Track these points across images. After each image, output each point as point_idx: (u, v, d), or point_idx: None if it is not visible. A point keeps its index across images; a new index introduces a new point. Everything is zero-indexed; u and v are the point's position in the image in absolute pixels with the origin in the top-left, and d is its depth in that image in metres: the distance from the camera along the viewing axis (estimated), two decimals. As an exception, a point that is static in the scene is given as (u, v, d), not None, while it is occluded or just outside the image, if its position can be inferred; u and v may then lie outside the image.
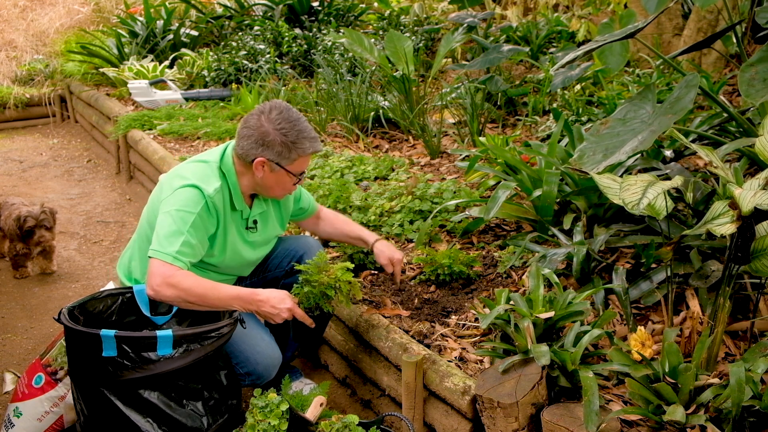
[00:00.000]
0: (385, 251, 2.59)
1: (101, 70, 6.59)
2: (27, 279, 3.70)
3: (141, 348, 1.92)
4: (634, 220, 2.60)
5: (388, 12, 6.87)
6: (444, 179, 3.61)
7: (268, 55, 5.98)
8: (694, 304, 2.23)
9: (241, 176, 2.26)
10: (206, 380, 2.04)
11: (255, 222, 2.38)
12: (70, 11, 8.35)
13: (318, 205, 2.73)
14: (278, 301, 2.16)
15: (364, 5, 7.48)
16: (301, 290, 2.23)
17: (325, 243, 3.04)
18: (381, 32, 6.35)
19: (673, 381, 1.83)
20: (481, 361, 2.23)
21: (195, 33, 7.05)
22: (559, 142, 3.09)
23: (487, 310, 2.31)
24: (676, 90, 2.30)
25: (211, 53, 6.28)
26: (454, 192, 3.29)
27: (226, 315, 2.12)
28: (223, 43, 6.60)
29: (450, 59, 5.79)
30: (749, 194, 1.74)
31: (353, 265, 2.30)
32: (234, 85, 5.74)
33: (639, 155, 2.83)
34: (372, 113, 4.64)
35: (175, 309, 2.22)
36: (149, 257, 2.11)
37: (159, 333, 1.92)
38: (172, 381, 1.96)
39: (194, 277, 2.12)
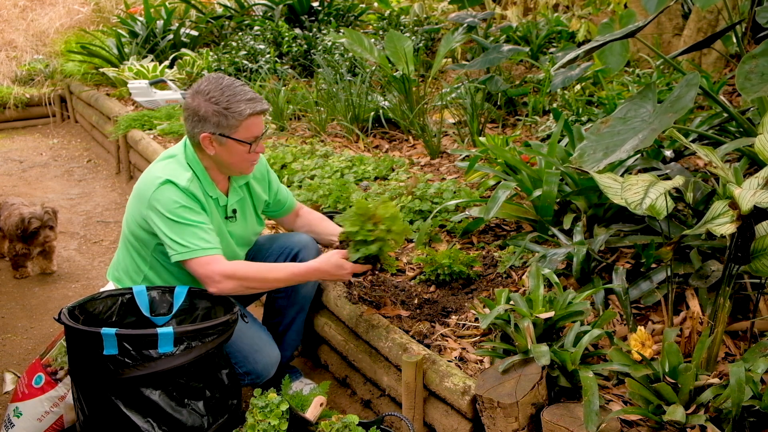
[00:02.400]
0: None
1: (101, 70, 6.59)
2: (27, 279, 3.70)
3: (142, 345, 1.92)
4: (634, 220, 2.59)
5: (388, 12, 6.87)
6: (444, 179, 3.61)
7: (268, 55, 5.98)
8: (694, 304, 2.23)
9: (202, 161, 2.23)
10: (208, 379, 2.04)
11: (234, 211, 2.35)
12: (70, 11, 8.36)
13: (297, 201, 2.68)
14: (336, 269, 2.21)
15: (364, 5, 7.48)
16: (355, 253, 2.21)
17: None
18: (381, 32, 6.35)
19: (673, 381, 1.83)
20: (481, 361, 2.23)
21: (195, 33, 7.05)
22: (559, 142, 3.09)
23: (487, 310, 2.31)
24: (677, 89, 2.30)
25: (211, 53, 6.28)
26: (454, 192, 3.29)
27: (227, 312, 2.12)
28: (223, 43, 6.60)
29: (450, 59, 5.79)
30: (749, 194, 1.74)
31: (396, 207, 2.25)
32: (234, 85, 5.73)
33: (639, 155, 2.83)
34: (372, 113, 4.64)
35: (175, 309, 2.22)
36: (178, 262, 2.13)
37: (160, 330, 1.92)
38: (173, 379, 1.96)
39: (245, 264, 2.21)
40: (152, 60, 6.54)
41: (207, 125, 2.14)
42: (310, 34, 6.50)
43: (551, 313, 2.14)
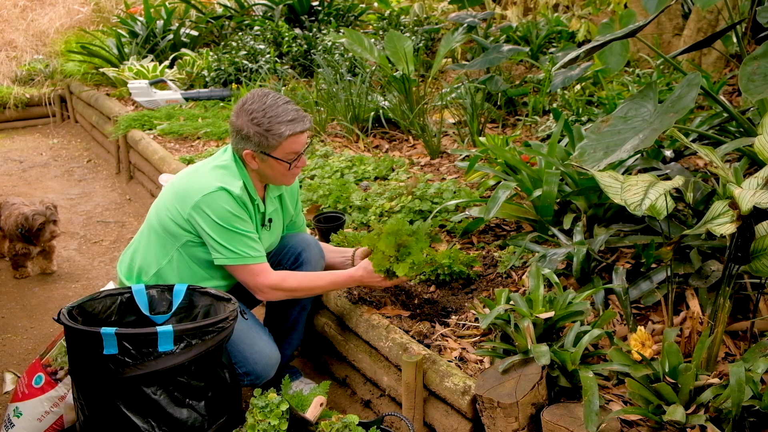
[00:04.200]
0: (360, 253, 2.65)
1: (101, 70, 6.59)
2: (27, 279, 3.70)
3: (142, 345, 1.92)
4: (634, 220, 2.59)
5: (388, 12, 6.87)
6: (444, 179, 3.61)
7: (268, 55, 5.98)
8: (694, 304, 2.23)
9: (246, 168, 2.31)
10: (209, 378, 2.04)
11: (270, 220, 2.42)
12: (70, 11, 8.35)
13: (307, 229, 2.76)
14: (371, 279, 2.35)
15: (364, 5, 7.47)
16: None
17: (326, 240, 3.03)
18: (381, 32, 6.35)
19: (673, 381, 1.83)
20: (481, 361, 2.23)
21: (195, 33, 7.04)
22: (559, 142, 3.09)
23: (487, 310, 2.31)
24: (678, 89, 2.30)
25: (211, 53, 6.27)
26: (454, 192, 3.29)
27: (227, 309, 2.12)
28: (223, 43, 6.60)
29: (450, 59, 5.79)
30: (748, 194, 1.74)
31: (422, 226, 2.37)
32: (234, 85, 5.74)
33: (639, 155, 2.83)
34: (372, 113, 4.64)
35: (174, 307, 2.22)
36: (223, 266, 2.22)
37: (159, 329, 1.92)
38: (174, 378, 1.96)
39: (291, 276, 2.32)
40: (152, 60, 6.54)
41: (249, 144, 2.22)
42: (310, 34, 6.50)
43: (551, 313, 2.14)
